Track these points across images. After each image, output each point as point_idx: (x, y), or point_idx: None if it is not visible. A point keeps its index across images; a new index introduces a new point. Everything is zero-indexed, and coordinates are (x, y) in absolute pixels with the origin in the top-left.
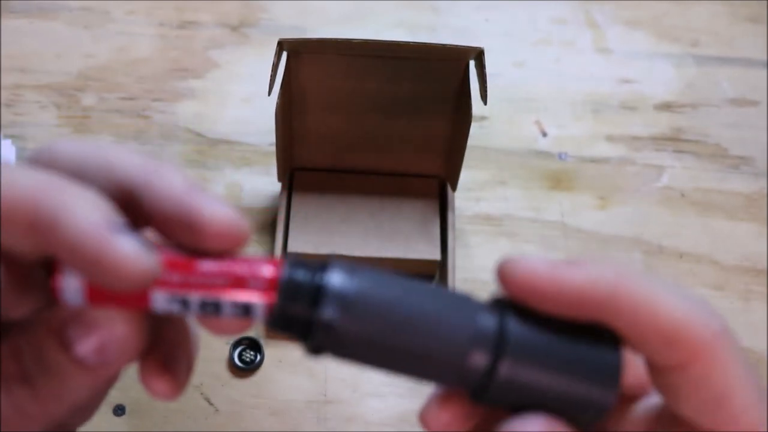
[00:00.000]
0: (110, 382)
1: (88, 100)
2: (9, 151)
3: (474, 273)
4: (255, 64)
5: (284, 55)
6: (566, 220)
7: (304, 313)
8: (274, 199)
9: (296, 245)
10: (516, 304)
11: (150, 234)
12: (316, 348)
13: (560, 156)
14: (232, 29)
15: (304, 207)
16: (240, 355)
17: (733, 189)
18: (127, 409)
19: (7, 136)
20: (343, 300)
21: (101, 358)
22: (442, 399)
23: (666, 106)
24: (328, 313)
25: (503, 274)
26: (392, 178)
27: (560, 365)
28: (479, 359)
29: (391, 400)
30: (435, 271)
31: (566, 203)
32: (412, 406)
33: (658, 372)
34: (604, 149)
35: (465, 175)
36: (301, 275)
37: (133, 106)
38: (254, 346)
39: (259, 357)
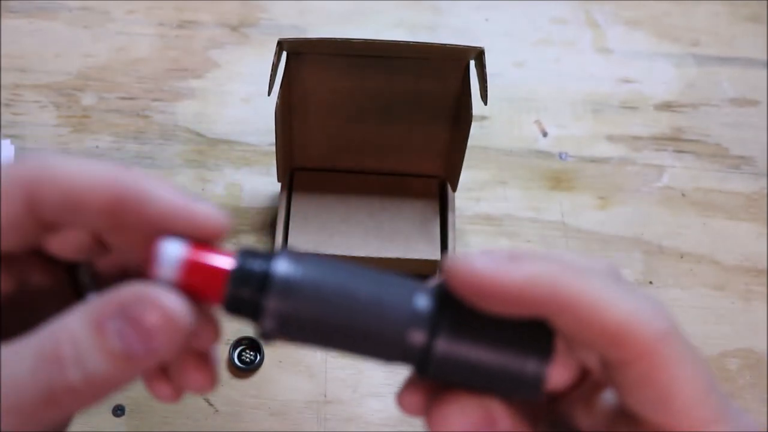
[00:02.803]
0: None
1: (87, 99)
2: (8, 150)
3: None
4: (255, 64)
5: (284, 55)
6: (566, 220)
7: (253, 298)
8: (274, 199)
9: (296, 245)
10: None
11: None
12: (266, 331)
13: (560, 156)
14: (232, 29)
15: (304, 207)
16: (240, 356)
17: (734, 189)
18: (127, 409)
19: (6, 136)
20: (287, 285)
21: (148, 346)
22: (412, 382)
23: (666, 106)
24: (274, 297)
25: (447, 274)
26: (392, 178)
27: (494, 342)
28: (417, 337)
29: (391, 400)
30: (435, 271)
31: (566, 203)
32: None
33: (606, 366)
34: (605, 149)
35: (465, 175)
36: (250, 264)
37: (132, 106)
38: (254, 346)
39: (259, 357)
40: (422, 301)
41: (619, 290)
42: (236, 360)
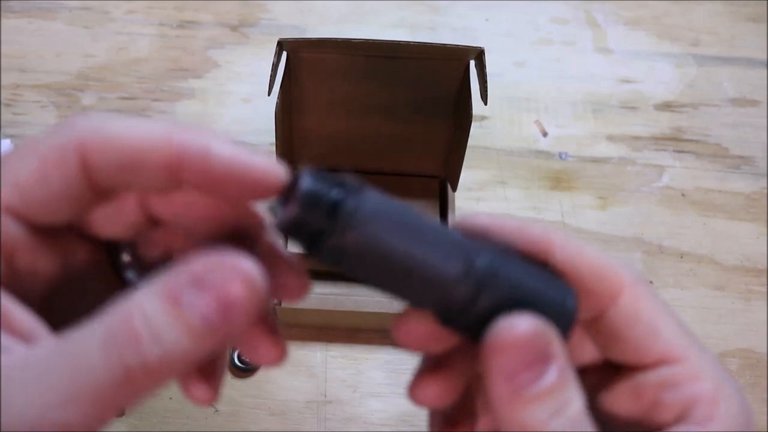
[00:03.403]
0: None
1: (87, 99)
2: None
3: None
4: (255, 64)
5: (284, 55)
6: (566, 220)
7: (318, 225)
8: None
9: (296, 245)
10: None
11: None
12: (324, 257)
13: (560, 156)
14: (232, 29)
15: None
16: (240, 356)
17: (734, 189)
18: (127, 409)
19: (6, 136)
20: (357, 217)
21: (228, 316)
22: (427, 373)
23: (666, 106)
24: (341, 228)
25: (469, 223)
26: (392, 178)
27: (538, 283)
28: (464, 291)
29: (391, 400)
30: None
31: (566, 203)
32: (412, 406)
33: (595, 321)
34: (605, 149)
35: (465, 175)
36: (320, 188)
37: (133, 106)
38: None
39: None
40: (479, 258)
41: (598, 250)
42: (236, 360)
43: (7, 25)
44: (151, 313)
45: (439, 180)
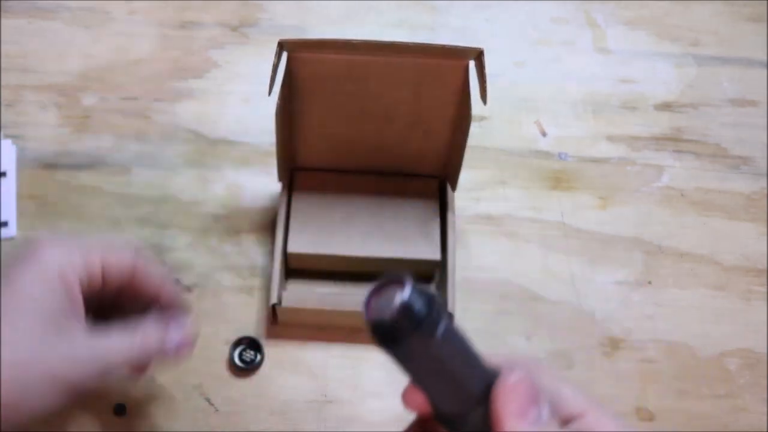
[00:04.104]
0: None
1: (88, 100)
2: (9, 151)
3: (474, 273)
4: (255, 64)
5: (284, 55)
6: (566, 220)
7: (406, 331)
8: (274, 199)
9: (296, 245)
10: None
11: None
12: (401, 351)
13: (560, 156)
14: (232, 29)
15: (304, 207)
16: (240, 355)
17: (734, 189)
18: (127, 409)
19: (7, 136)
20: (438, 336)
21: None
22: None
23: (666, 106)
24: (420, 337)
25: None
26: (392, 178)
27: None
28: (475, 415)
29: (391, 400)
30: (435, 271)
31: (566, 203)
32: None
33: None
34: (604, 149)
35: (465, 175)
36: (419, 304)
37: (133, 107)
38: (254, 345)
39: (259, 357)
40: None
41: (570, 387)
42: (236, 359)
43: (7, 25)
44: (154, 341)
45: (439, 180)
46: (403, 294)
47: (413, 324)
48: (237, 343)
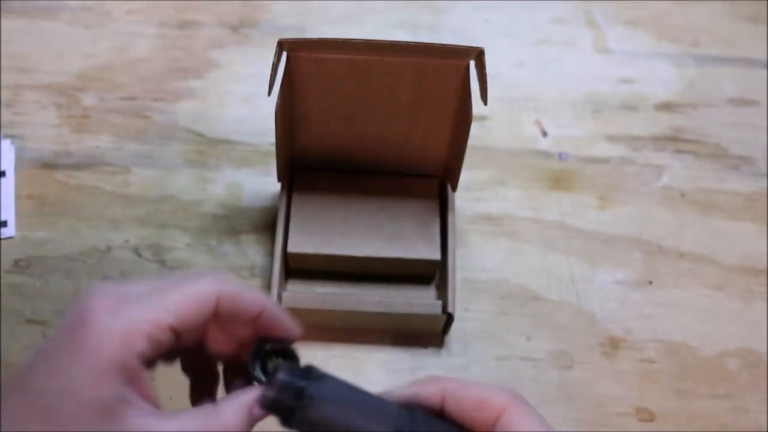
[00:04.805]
0: None
1: (88, 100)
2: (8, 150)
3: (474, 273)
4: (255, 64)
5: (284, 55)
6: (566, 220)
7: (290, 404)
8: (274, 199)
9: (296, 245)
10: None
11: None
12: (296, 422)
13: (560, 156)
14: (232, 29)
15: (304, 207)
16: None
17: (733, 189)
18: None
19: (7, 136)
20: (316, 400)
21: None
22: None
23: (666, 106)
24: (304, 408)
25: (398, 395)
26: (392, 178)
27: None
28: None
29: None
30: (435, 271)
31: (566, 203)
32: None
33: None
34: (604, 149)
35: (465, 175)
36: (292, 379)
37: (133, 106)
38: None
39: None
40: (402, 420)
41: (479, 383)
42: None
43: (7, 25)
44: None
45: (439, 180)
46: (280, 375)
47: (294, 394)
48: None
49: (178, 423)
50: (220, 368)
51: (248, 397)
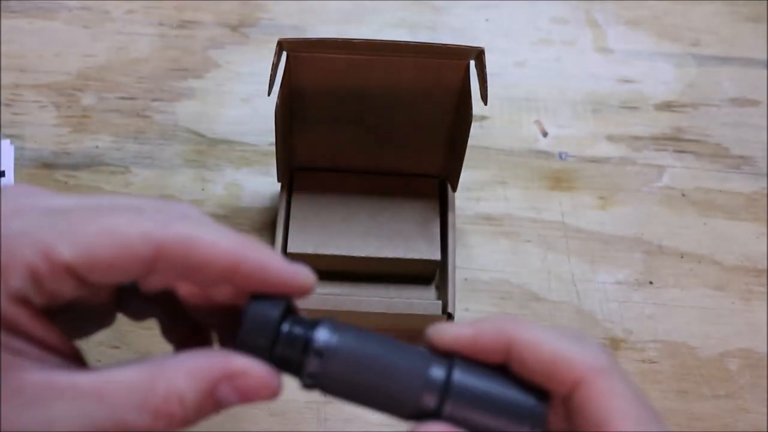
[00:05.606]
0: None
1: (87, 99)
2: (8, 151)
3: (474, 273)
4: (255, 64)
5: (284, 55)
6: (566, 220)
7: (297, 359)
8: (274, 199)
9: (296, 245)
10: (460, 356)
11: None
12: (306, 386)
13: (560, 156)
14: (232, 29)
15: (304, 207)
16: None
17: (734, 189)
18: None
19: (6, 136)
20: (325, 352)
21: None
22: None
23: (666, 106)
24: (312, 362)
25: (435, 338)
26: (392, 178)
27: (494, 408)
28: (429, 400)
29: None
30: (435, 271)
31: (566, 203)
32: None
33: (566, 399)
34: (605, 149)
35: (465, 175)
36: (296, 330)
37: (132, 106)
38: None
39: None
40: (436, 371)
41: (559, 337)
42: None
43: (6, 25)
44: (188, 400)
45: (439, 180)
46: (283, 327)
47: (301, 348)
48: None
49: (93, 378)
50: (215, 337)
51: (213, 361)
